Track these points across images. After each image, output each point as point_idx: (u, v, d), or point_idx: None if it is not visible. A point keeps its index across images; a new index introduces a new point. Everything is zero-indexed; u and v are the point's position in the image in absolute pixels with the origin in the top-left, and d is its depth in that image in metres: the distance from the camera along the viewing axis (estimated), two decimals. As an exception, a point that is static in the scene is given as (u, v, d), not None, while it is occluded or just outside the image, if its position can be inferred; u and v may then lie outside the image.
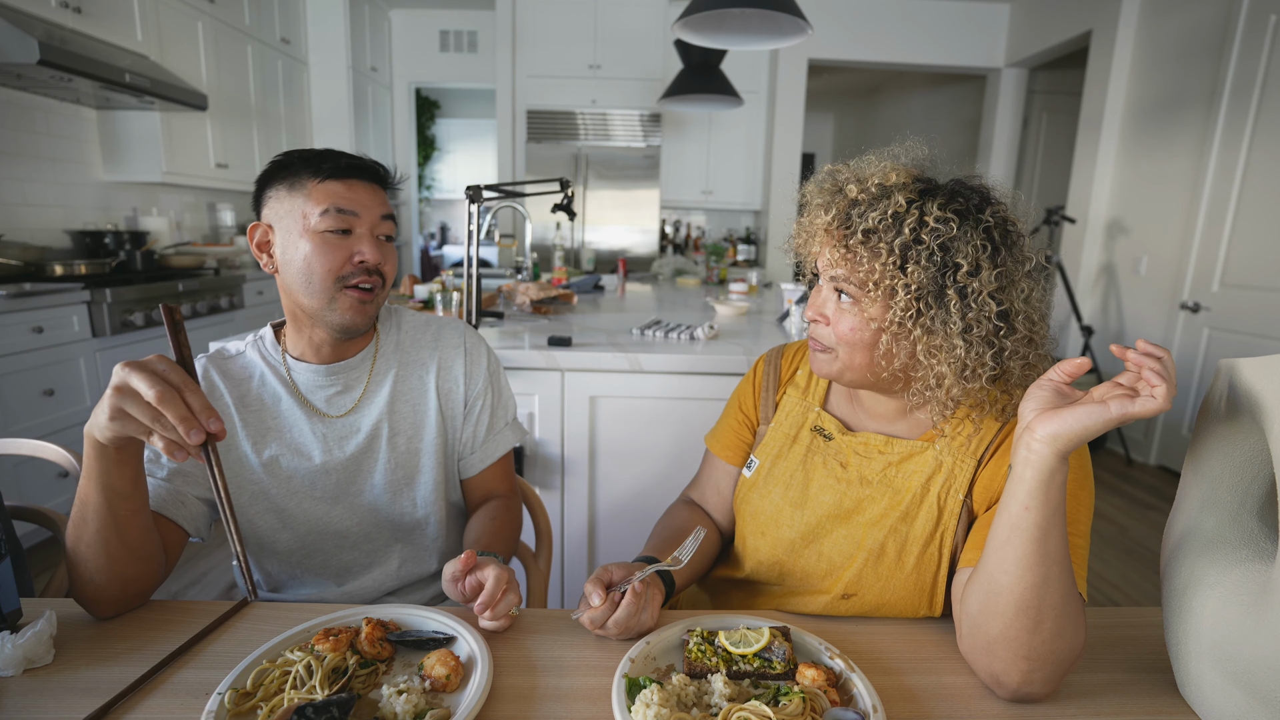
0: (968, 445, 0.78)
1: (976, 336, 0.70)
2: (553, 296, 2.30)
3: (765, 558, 0.87)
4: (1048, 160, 4.99)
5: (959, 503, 0.77)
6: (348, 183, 0.88)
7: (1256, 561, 0.58)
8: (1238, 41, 3.06)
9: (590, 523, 1.81)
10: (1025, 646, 0.60)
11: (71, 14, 2.64)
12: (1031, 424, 0.60)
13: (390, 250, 0.92)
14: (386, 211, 0.92)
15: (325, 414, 0.95)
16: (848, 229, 0.73)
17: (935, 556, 0.77)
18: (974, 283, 0.69)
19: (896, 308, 0.71)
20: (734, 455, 0.97)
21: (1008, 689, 0.63)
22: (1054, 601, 0.60)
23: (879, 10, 4.69)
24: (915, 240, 0.70)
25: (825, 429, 0.87)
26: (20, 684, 0.62)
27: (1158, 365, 0.55)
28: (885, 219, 0.71)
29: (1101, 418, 0.56)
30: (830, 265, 0.76)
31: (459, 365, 1.03)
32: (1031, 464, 0.59)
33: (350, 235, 0.88)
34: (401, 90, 5.49)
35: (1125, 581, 2.39)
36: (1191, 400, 3.35)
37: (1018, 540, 0.60)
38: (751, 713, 0.57)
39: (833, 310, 0.76)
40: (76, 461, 1.14)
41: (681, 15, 1.87)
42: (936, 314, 0.70)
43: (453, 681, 0.63)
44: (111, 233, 3.05)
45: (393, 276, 0.93)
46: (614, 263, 4.54)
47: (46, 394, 2.33)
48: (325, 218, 0.86)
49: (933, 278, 0.69)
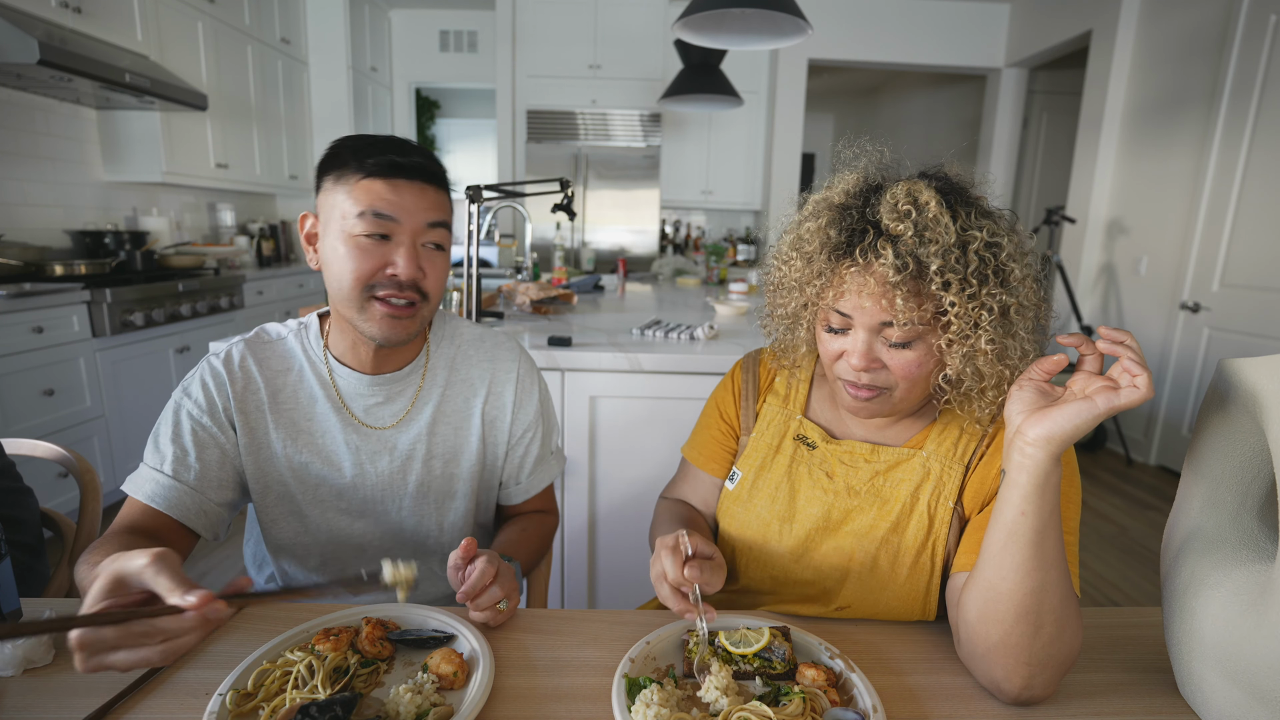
0: (954, 451, 0.77)
1: (1022, 327, 0.69)
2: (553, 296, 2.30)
3: (758, 573, 0.85)
4: (1048, 160, 4.99)
5: (949, 510, 0.76)
6: (393, 183, 0.79)
7: (1257, 562, 0.58)
8: (1238, 41, 3.06)
9: (590, 522, 1.80)
10: (1026, 652, 0.60)
11: (71, 14, 2.64)
12: (1021, 427, 0.59)
13: (437, 261, 0.83)
14: (437, 217, 0.82)
15: (362, 424, 0.90)
16: (903, 269, 0.66)
17: (928, 565, 0.76)
18: (1015, 272, 0.68)
19: (965, 327, 0.67)
20: (717, 466, 0.92)
21: (1009, 694, 0.62)
22: (1053, 604, 0.60)
23: (879, 10, 4.69)
24: (981, 262, 0.67)
25: (809, 437, 0.85)
26: (20, 684, 0.62)
27: (1132, 354, 0.55)
28: (948, 249, 0.66)
29: (1090, 414, 0.56)
30: (883, 311, 0.68)
31: (509, 393, 0.97)
32: (1026, 468, 0.58)
33: (388, 242, 0.80)
34: (401, 90, 5.49)
35: (1125, 581, 2.39)
36: (1191, 400, 3.35)
37: (1015, 546, 0.59)
38: (751, 713, 0.57)
39: (889, 357, 0.71)
40: (76, 461, 1.14)
41: (681, 15, 1.87)
42: (1000, 322, 0.68)
43: (458, 679, 0.64)
44: (111, 233, 3.05)
45: (438, 291, 0.84)
46: (614, 263, 4.54)
47: (46, 394, 2.33)
48: (361, 220, 0.78)
49: (1000, 291, 0.67)
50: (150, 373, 2.79)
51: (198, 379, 0.87)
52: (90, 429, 2.52)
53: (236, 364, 0.88)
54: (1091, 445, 3.78)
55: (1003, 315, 0.68)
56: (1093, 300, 4.03)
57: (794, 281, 0.76)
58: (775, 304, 0.83)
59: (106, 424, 2.59)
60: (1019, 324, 0.69)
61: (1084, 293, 4.01)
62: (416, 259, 0.81)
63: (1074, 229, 4.02)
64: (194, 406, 0.85)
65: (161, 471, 0.82)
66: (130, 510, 0.81)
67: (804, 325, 0.80)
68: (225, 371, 0.87)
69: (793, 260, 0.76)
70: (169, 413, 0.86)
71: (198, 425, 0.85)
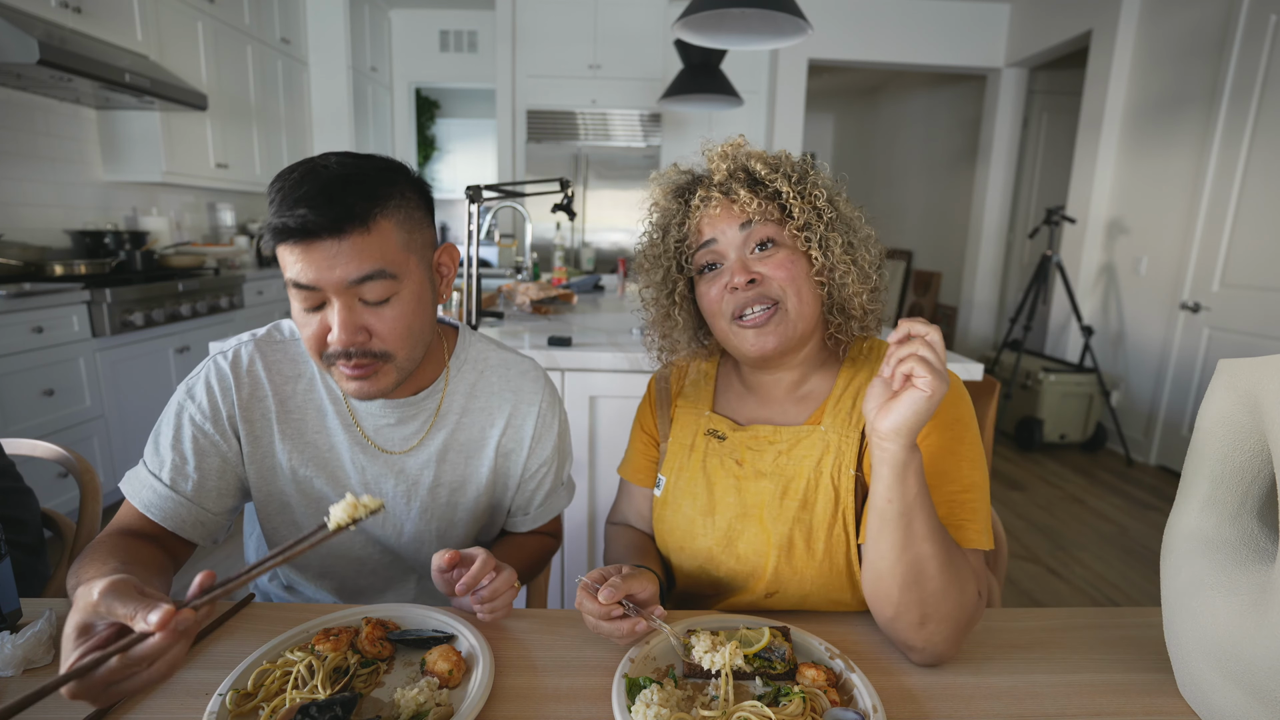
0: (849, 420, 0.80)
1: (863, 245, 0.81)
2: (553, 296, 2.30)
3: (691, 570, 0.86)
4: (1048, 160, 4.98)
5: (851, 478, 0.78)
6: (298, 247, 0.68)
7: (1257, 562, 0.58)
8: (1238, 41, 3.06)
9: (590, 522, 1.81)
10: (918, 616, 0.66)
11: (71, 14, 2.64)
12: (873, 423, 0.64)
13: (386, 315, 0.72)
14: (359, 273, 0.69)
15: (370, 443, 0.86)
16: (732, 174, 0.80)
17: (843, 538, 0.78)
18: (843, 203, 0.81)
19: (809, 216, 0.77)
20: (646, 478, 0.95)
21: (916, 656, 0.69)
22: (933, 573, 0.65)
23: (879, 10, 4.69)
24: (800, 163, 0.82)
25: (718, 430, 0.87)
26: (20, 684, 0.62)
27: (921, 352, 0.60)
28: (764, 159, 0.80)
29: (925, 400, 0.60)
30: (736, 216, 0.79)
31: (529, 426, 0.93)
32: (885, 461, 0.64)
33: (327, 306, 0.71)
34: (401, 90, 5.49)
35: (1125, 581, 2.39)
36: (1191, 400, 3.34)
37: (888, 530, 0.65)
38: (751, 713, 0.57)
39: (763, 266, 0.78)
40: (76, 461, 1.14)
41: (681, 15, 1.87)
42: (839, 216, 0.79)
43: (455, 677, 0.64)
44: (111, 233, 3.05)
45: (399, 345, 0.74)
46: (614, 263, 4.54)
47: (46, 394, 2.33)
48: (292, 291, 0.71)
49: (822, 192, 0.79)
50: (150, 373, 2.79)
51: (202, 380, 0.83)
52: (90, 429, 2.52)
53: (244, 367, 0.84)
54: (1092, 445, 3.78)
55: (833, 205, 0.79)
56: (1093, 300, 4.03)
57: (659, 245, 0.85)
58: (647, 294, 0.89)
59: (106, 424, 2.59)
60: (858, 228, 0.81)
61: (1084, 293, 4.01)
62: (353, 323, 0.71)
63: (1074, 229, 4.02)
64: (196, 411, 0.82)
65: (159, 479, 0.79)
66: (128, 513, 0.79)
67: (677, 303, 0.86)
68: (232, 375, 0.83)
69: (652, 231, 0.86)
70: (171, 414, 0.82)
71: (199, 431, 0.81)
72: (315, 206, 0.66)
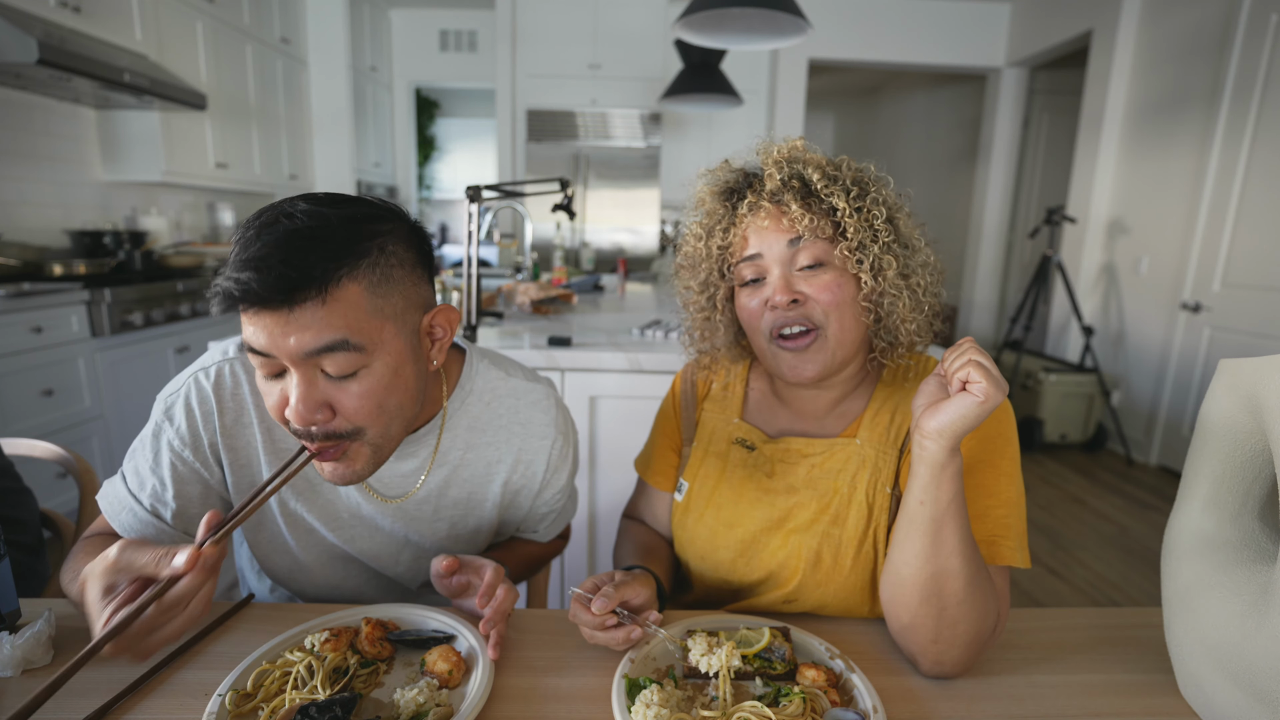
0: (888, 435, 0.78)
1: (921, 269, 0.77)
2: (553, 296, 2.30)
3: (711, 581, 0.85)
4: (1048, 160, 4.98)
5: (887, 496, 0.76)
6: (251, 313, 0.59)
7: (1258, 563, 0.58)
8: (1239, 41, 3.06)
9: (590, 522, 1.80)
10: (933, 631, 0.64)
11: (70, 13, 2.64)
12: (919, 421, 0.61)
13: (352, 390, 0.62)
14: (316, 344, 0.59)
15: (367, 487, 0.81)
16: (786, 184, 0.75)
17: (871, 554, 0.77)
18: (891, 198, 0.77)
19: (863, 235, 0.73)
20: (665, 481, 0.93)
21: (924, 669, 0.67)
22: (955, 590, 0.62)
23: (879, 10, 4.69)
24: (857, 174, 0.76)
25: (747, 440, 0.85)
26: (19, 685, 0.62)
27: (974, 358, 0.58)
28: (821, 167, 0.75)
29: (977, 405, 0.57)
30: (784, 230, 0.74)
31: (540, 463, 0.87)
32: (924, 460, 0.61)
33: (283, 376, 0.63)
34: (401, 90, 5.49)
35: (1125, 581, 2.39)
36: (1192, 400, 3.34)
37: (915, 534, 0.63)
38: (751, 713, 0.57)
39: (808, 286, 0.74)
40: (75, 461, 1.14)
41: (681, 15, 1.87)
42: (895, 235, 0.75)
43: (454, 677, 0.63)
44: (111, 233, 3.04)
45: (370, 421, 0.64)
46: (614, 263, 4.54)
47: (45, 394, 2.32)
48: (248, 354, 0.62)
49: (883, 209, 0.74)
50: (149, 373, 2.79)
51: (182, 401, 0.76)
52: (89, 429, 2.52)
53: (228, 390, 0.76)
54: (1092, 445, 3.78)
55: (892, 225, 0.74)
56: (1093, 300, 4.03)
57: (701, 249, 0.81)
58: (687, 295, 0.86)
59: (106, 424, 2.58)
60: (917, 250, 0.76)
61: (1084, 293, 4.01)
62: (312, 399, 0.61)
63: (1074, 229, 4.02)
64: (175, 437, 0.75)
65: (139, 503, 0.75)
66: (106, 524, 0.77)
67: (718, 308, 0.83)
68: (214, 398, 0.76)
69: (696, 230, 0.82)
70: (149, 435, 0.76)
71: (178, 459, 0.75)
72: (263, 270, 0.56)
